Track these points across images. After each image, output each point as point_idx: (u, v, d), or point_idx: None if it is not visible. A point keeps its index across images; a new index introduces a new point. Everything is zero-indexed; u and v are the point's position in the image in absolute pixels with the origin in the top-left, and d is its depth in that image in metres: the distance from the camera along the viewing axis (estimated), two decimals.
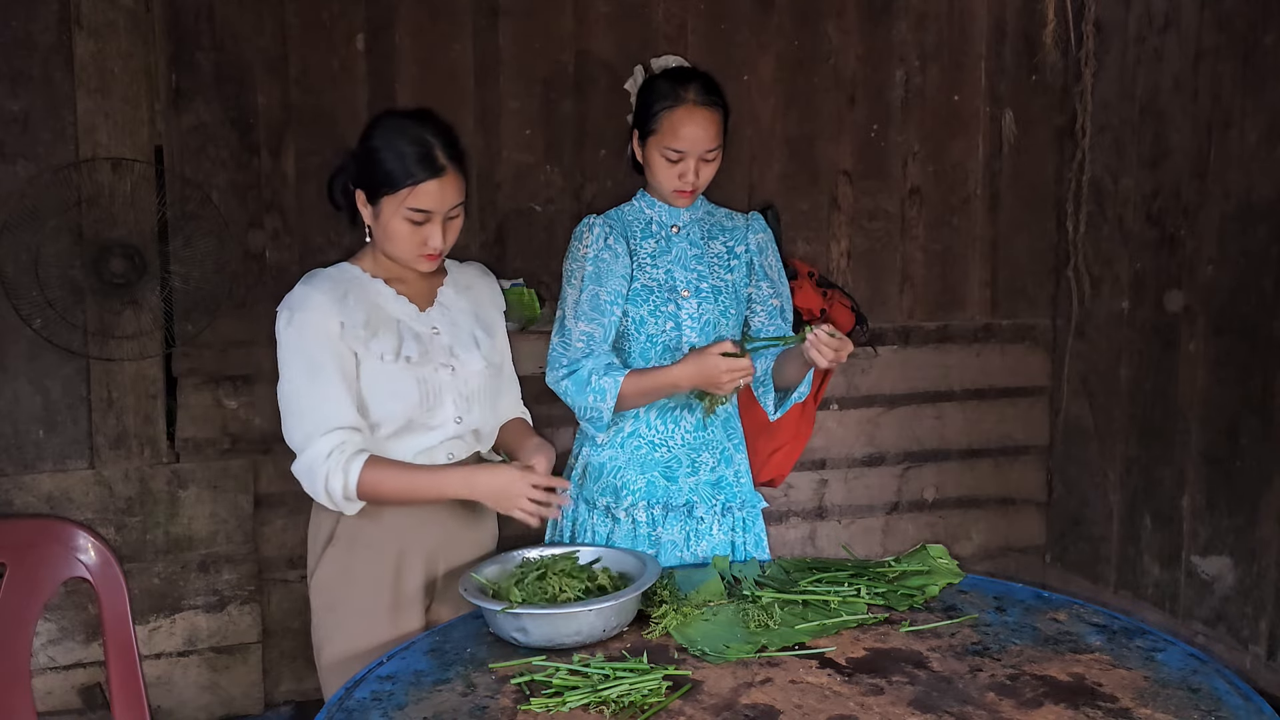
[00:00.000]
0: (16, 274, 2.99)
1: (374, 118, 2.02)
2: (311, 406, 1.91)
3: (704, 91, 2.19)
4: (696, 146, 2.18)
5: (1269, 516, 3.30)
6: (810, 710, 1.56)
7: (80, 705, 3.17)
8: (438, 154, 1.93)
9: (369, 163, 1.96)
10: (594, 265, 2.25)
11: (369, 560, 2.01)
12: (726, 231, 2.37)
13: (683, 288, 2.29)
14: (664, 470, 2.29)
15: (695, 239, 2.33)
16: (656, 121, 2.19)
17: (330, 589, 2.03)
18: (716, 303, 2.30)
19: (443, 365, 2.02)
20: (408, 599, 2.04)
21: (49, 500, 3.13)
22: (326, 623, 2.03)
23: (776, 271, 2.40)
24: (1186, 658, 1.72)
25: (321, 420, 1.90)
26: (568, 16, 3.53)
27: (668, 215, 2.32)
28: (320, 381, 1.91)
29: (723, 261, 2.34)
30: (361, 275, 2.03)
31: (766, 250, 2.39)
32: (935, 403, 4.05)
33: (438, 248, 1.98)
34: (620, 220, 2.31)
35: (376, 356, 1.96)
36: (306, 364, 1.92)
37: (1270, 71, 3.27)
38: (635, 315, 2.27)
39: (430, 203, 1.94)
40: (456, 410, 2.03)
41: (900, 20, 3.87)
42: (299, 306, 1.94)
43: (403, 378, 1.97)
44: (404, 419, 1.98)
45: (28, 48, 3.03)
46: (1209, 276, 3.50)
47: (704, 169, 2.22)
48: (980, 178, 4.02)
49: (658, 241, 2.30)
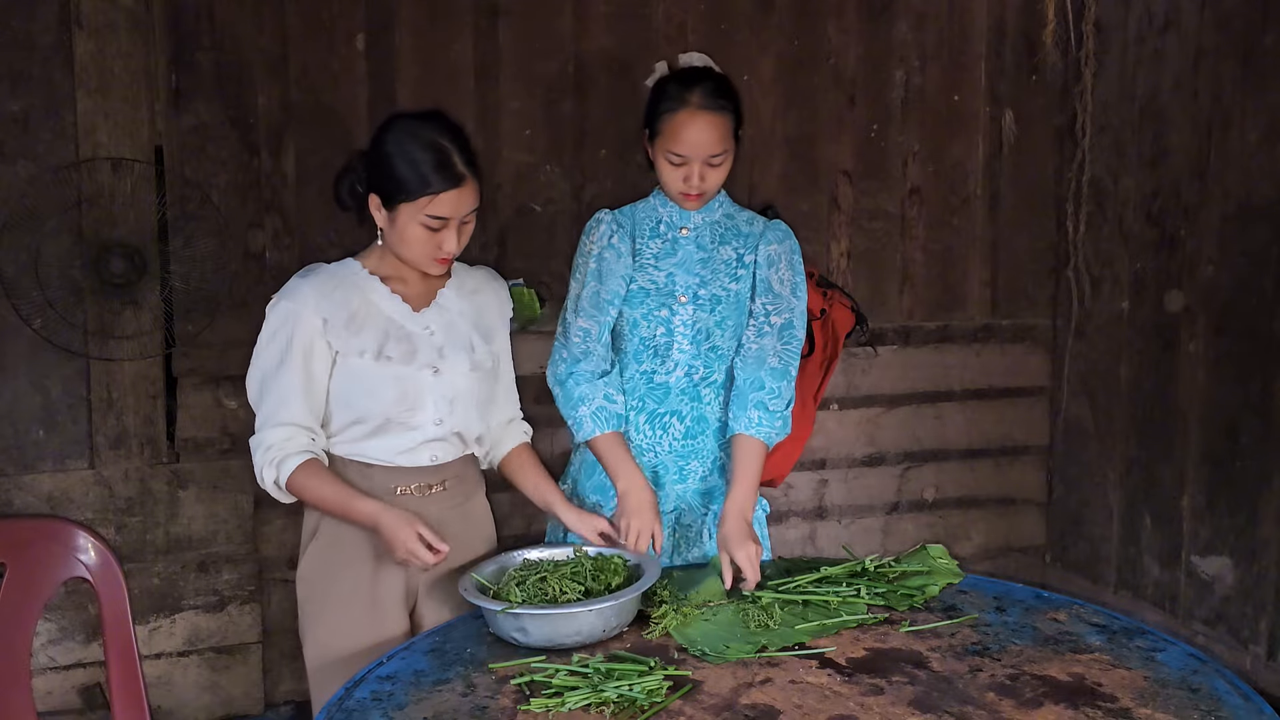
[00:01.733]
0: (16, 274, 2.99)
1: (386, 120, 2.02)
2: (272, 394, 1.99)
3: (710, 95, 2.12)
4: (698, 151, 2.13)
5: (1269, 516, 3.30)
6: (810, 710, 1.56)
7: (80, 705, 3.17)
8: (455, 161, 1.95)
9: (384, 168, 1.96)
10: (598, 262, 2.23)
11: (348, 559, 2.05)
12: (741, 237, 2.27)
13: (680, 293, 2.23)
14: (651, 476, 2.26)
15: (704, 243, 2.26)
16: (660, 123, 2.15)
17: (311, 582, 2.08)
18: (713, 312, 2.23)
19: (426, 366, 2.03)
20: (387, 600, 2.06)
21: (49, 500, 3.13)
22: (306, 614, 2.09)
23: (788, 286, 2.27)
24: (1186, 658, 1.72)
25: (276, 412, 1.98)
26: (568, 16, 3.53)
27: (679, 216, 2.26)
28: (285, 374, 1.98)
29: (729, 269, 2.26)
30: (360, 272, 2.05)
31: (777, 262, 2.26)
32: (935, 403, 4.04)
33: (452, 252, 2.00)
34: (631, 218, 2.28)
35: (356, 354, 1.99)
36: (279, 353, 1.99)
37: (1270, 71, 3.27)
38: (629, 316, 2.25)
39: (448, 210, 1.95)
40: (437, 412, 2.05)
41: (900, 20, 3.86)
42: (287, 295, 2.02)
43: (380, 376, 2.00)
44: (382, 417, 2.01)
45: (28, 48, 3.02)
46: (1209, 276, 3.49)
47: (709, 173, 2.16)
48: (980, 178, 4.01)
49: (664, 243, 2.26)
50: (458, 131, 2.00)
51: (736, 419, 2.21)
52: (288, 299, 2.00)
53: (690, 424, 2.27)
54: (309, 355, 1.98)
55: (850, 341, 3.75)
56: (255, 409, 2.03)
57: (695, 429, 2.28)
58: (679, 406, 2.26)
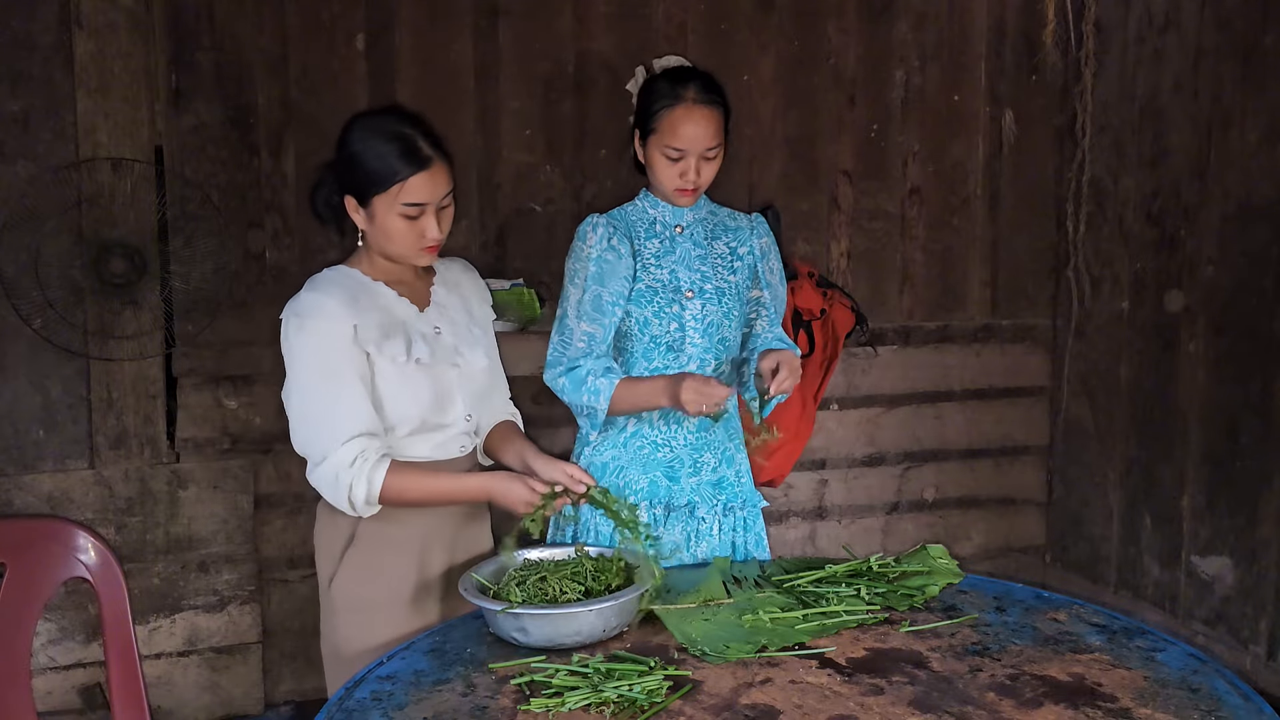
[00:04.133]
0: (16, 274, 2.99)
1: (346, 123, 2.00)
2: (329, 413, 1.90)
3: (703, 90, 2.20)
4: (696, 145, 2.19)
5: (1269, 516, 3.30)
6: (810, 710, 1.56)
7: (80, 705, 3.17)
8: (421, 145, 1.94)
9: (352, 166, 1.96)
10: (597, 266, 2.25)
11: (395, 558, 2.02)
12: (730, 232, 2.37)
13: (686, 288, 2.29)
14: (666, 470, 2.30)
15: (699, 239, 2.33)
16: (656, 121, 2.21)
17: (355, 591, 2.02)
18: (720, 304, 2.30)
19: (451, 364, 2.04)
20: (428, 590, 2.06)
21: (49, 500, 3.13)
22: (351, 623, 2.01)
23: (777, 276, 2.42)
24: (1186, 658, 1.72)
25: (341, 427, 1.90)
26: (568, 16, 3.53)
27: (671, 215, 2.32)
28: (337, 387, 1.91)
29: (726, 263, 2.34)
30: (364, 279, 2.02)
31: (769, 254, 2.40)
32: (935, 403, 4.05)
33: (436, 238, 1.98)
34: (624, 220, 2.31)
35: (389, 359, 1.96)
36: (322, 370, 1.91)
37: (1270, 71, 3.27)
38: (639, 316, 2.27)
39: (422, 195, 1.94)
40: (466, 407, 2.06)
41: (900, 20, 3.86)
42: (310, 313, 1.92)
43: (417, 379, 1.98)
44: (418, 420, 2.00)
45: (28, 48, 3.03)
46: (1209, 276, 3.49)
47: (705, 168, 2.23)
48: (980, 178, 4.02)
49: (662, 242, 2.31)
50: (418, 119, 1.98)
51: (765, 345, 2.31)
52: (313, 317, 1.92)
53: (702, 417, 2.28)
54: (355, 365, 1.93)
55: (850, 341, 3.76)
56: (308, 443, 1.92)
57: (706, 420, 2.30)
58: None
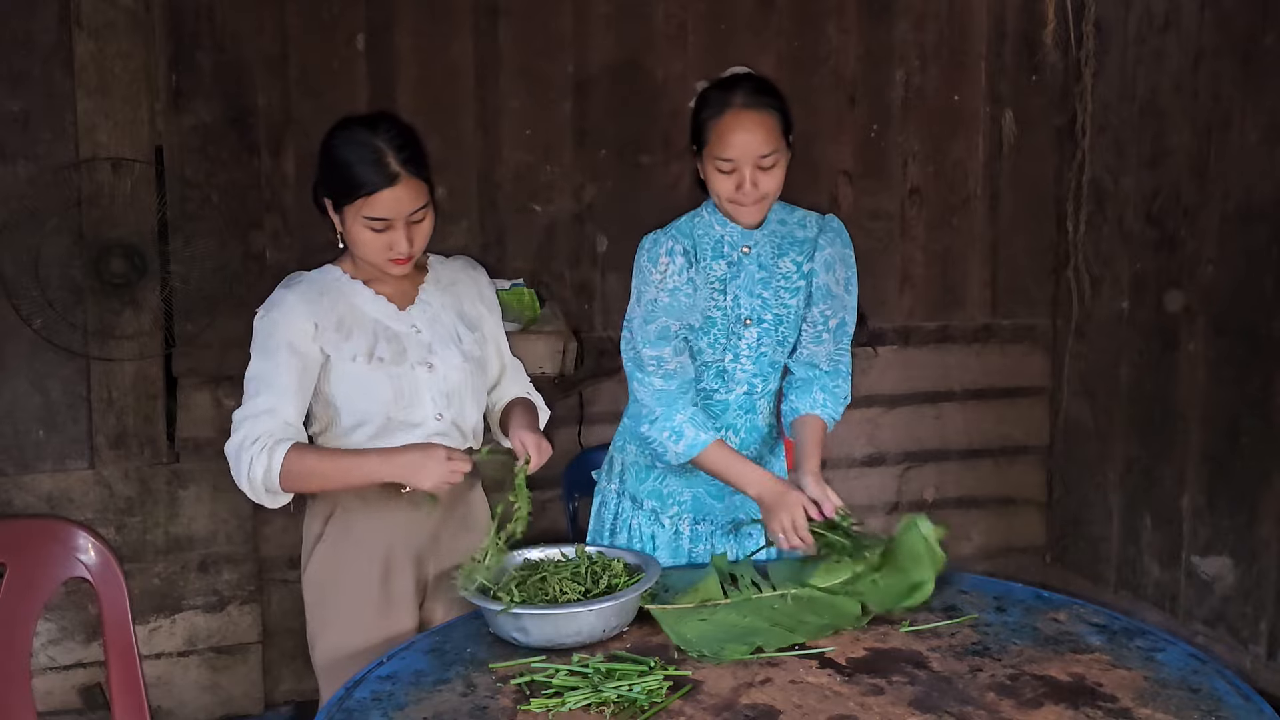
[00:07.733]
0: (16, 274, 2.99)
1: (332, 125, 2.00)
2: (254, 394, 1.96)
3: (752, 93, 2.04)
4: (747, 152, 2.02)
5: (1269, 516, 3.30)
6: (810, 710, 1.56)
7: (80, 705, 3.17)
8: (389, 161, 1.91)
9: (325, 172, 1.98)
10: (672, 298, 2.11)
11: (357, 558, 2.04)
12: (798, 245, 2.20)
13: (746, 315, 2.17)
14: (709, 488, 2.26)
15: (765, 260, 2.18)
16: (706, 132, 2.06)
17: (320, 585, 2.07)
18: (776, 333, 2.20)
19: (420, 363, 2.04)
20: (398, 598, 2.06)
21: (49, 500, 3.13)
22: (316, 618, 2.08)
23: (843, 284, 2.23)
24: (1186, 658, 1.72)
25: (259, 406, 1.94)
26: (568, 16, 3.53)
27: (739, 235, 2.16)
28: (271, 374, 1.95)
29: (789, 283, 2.19)
30: (342, 277, 2.05)
31: (834, 265, 2.22)
32: (935, 403, 4.04)
33: (404, 253, 1.98)
34: (690, 236, 2.15)
35: (349, 358, 1.99)
36: (265, 356, 1.97)
37: (1270, 71, 3.27)
38: (694, 344, 2.18)
39: (386, 210, 1.93)
40: (435, 407, 2.05)
41: (900, 20, 3.86)
42: (273, 305, 2.00)
43: (374, 378, 2.00)
44: (382, 418, 2.01)
45: (28, 48, 3.02)
46: (1209, 277, 3.49)
47: (762, 178, 2.05)
48: (980, 178, 4.01)
49: (730, 265, 2.16)
50: (399, 131, 1.95)
51: (801, 401, 2.26)
52: (275, 310, 1.98)
53: (745, 435, 2.27)
54: (301, 359, 1.96)
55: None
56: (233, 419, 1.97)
57: (749, 439, 2.28)
58: (735, 421, 2.25)
